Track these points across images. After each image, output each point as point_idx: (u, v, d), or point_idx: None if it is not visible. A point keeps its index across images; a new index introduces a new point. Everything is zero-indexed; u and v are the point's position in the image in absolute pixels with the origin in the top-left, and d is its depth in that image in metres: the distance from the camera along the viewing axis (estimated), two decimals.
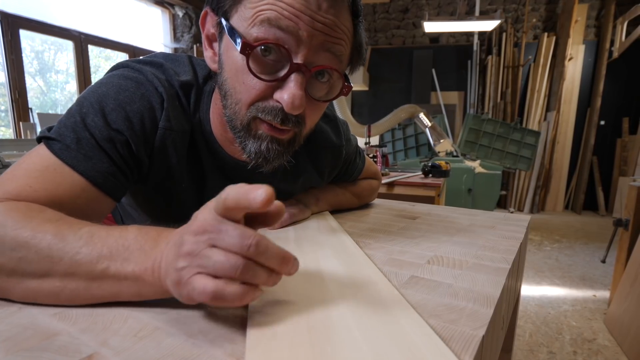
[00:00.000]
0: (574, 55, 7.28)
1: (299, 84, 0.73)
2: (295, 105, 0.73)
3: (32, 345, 0.46)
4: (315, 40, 0.72)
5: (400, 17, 8.27)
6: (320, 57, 0.75)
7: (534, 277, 3.97)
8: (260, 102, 0.76)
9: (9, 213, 0.61)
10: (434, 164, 3.19)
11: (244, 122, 0.79)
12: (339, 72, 0.79)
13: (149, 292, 0.56)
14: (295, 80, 0.73)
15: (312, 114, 0.83)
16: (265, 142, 0.80)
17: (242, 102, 0.77)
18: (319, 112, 0.86)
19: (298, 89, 0.73)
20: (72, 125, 0.76)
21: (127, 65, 0.88)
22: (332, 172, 1.23)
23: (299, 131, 0.83)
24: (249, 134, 0.80)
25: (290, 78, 0.73)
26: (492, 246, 0.95)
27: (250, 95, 0.76)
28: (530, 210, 7.50)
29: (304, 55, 0.73)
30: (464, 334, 0.50)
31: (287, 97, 0.73)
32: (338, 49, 0.76)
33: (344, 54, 0.78)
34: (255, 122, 0.79)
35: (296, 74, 0.73)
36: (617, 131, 7.38)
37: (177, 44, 8.09)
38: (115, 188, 0.79)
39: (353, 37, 0.80)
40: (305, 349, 0.44)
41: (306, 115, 0.81)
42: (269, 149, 0.80)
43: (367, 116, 8.37)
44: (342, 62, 0.79)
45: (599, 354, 2.56)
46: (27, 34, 5.39)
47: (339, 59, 0.78)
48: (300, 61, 0.73)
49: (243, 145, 0.82)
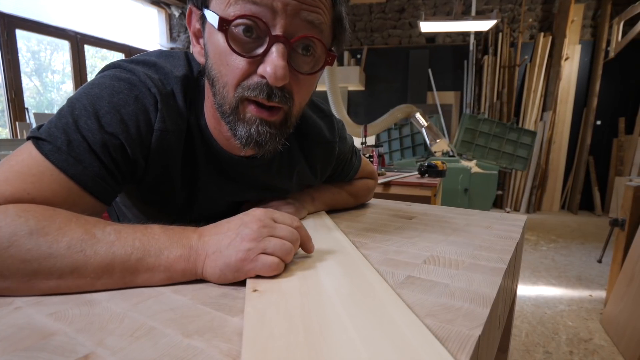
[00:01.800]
0: (570, 55, 7.29)
1: (280, 54, 0.73)
2: (279, 76, 0.73)
3: (29, 345, 0.46)
4: (291, 9, 0.72)
5: (396, 17, 8.28)
6: (299, 28, 0.75)
7: (530, 277, 3.97)
8: (245, 81, 0.77)
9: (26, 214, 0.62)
10: (430, 164, 3.19)
11: (232, 105, 0.79)
12: (321, 42, 0.79)
13: (179, 277, 0.67)
14: (277, 51, 0.73)
15: (301, 91, 0.83)
16: (254, 125, 0.80)
17: (228, 84, 0.78)
18: (308, 89, 0.85)
19: (280, 59, 0.73)
20: (63, 126, 0.74)
21: (119, 66, 0.87)
22: (325, 169, 1.22)
23: (289, 110, 0.82)
24: (238, 118, 0.80)
25: (271, 50, 0.74)
26: (488, 246, 0.95)
27: (235, 75, 0.76)
28: (526, 210, 7.51)
29: (282, 27, 0.73)
30: (460, 334, 0.51)
31: (270, 68, 0.73)
32: (316, 17, 0.76)
33: (324, 23, 0.78)
34: (243, 105, 0.79)
35: (276, 44, 0.73)
36: (614, 131, 7.39)
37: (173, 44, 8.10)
38: (105, 192, 0.78)
39: (332, 7, 0.80)
40: (301, 349, 0.44)
41: (294, 91, 0.81)
42: (259, 132, 0.80)
43: (364, 116, 8.37)
44: (323, 32, 0.79)
45: (595, 354, 2.57)
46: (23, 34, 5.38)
47: (319, 28, 0.77)
48: (279, 33, 0.73)
49: (233, 131, 0.82)
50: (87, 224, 0.64)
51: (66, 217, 0.64)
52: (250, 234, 0.66)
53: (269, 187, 1.10)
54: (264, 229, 0.68)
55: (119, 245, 0.63)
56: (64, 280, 0.60)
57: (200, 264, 0.67)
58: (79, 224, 0.63)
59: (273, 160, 1.04)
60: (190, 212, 1.01)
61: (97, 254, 0.61)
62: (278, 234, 0.69)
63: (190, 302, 0.59)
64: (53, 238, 0.60)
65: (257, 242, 0.66)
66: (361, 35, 8.48)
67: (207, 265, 0.66)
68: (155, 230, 0.68)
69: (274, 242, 0.67)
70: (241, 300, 0.60)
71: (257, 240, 0.66)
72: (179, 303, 0.59)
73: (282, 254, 0.68)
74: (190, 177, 0.97)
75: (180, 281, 0.67)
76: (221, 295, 0.62)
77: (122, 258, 0.62)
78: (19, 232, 0.59)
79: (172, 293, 0.63)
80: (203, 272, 0.67)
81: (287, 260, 0.69)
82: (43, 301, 0.58)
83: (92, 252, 0.61)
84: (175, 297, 0.61)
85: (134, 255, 0.63)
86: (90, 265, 0.60)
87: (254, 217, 0.69)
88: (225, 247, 0.66)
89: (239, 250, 0.65)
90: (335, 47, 0.87)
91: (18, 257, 0.58)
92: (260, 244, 0.66)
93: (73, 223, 0.63)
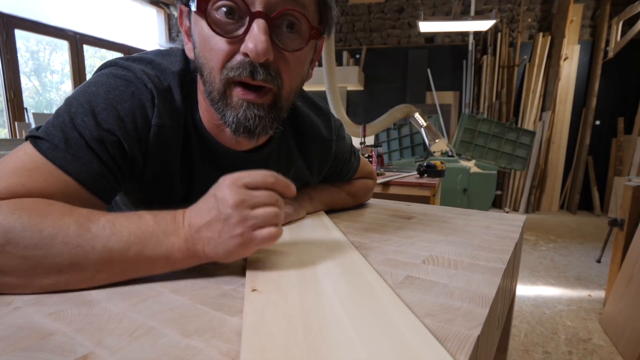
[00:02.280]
0: (569, 55, 7.29)
1: (261, 29, 0.72)
2: (259, 50, 0.72)
3: (28, 345, 0.46)
4: None
5: (395, 17, 8.28)
6: (280, 4, 0.74)
7: (529, 277, 3.97)
8: (229, 62, 0.77)
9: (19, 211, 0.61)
10: (429, 164, 3.19)
11: (220, 90, 0.79)
12: (304, 16, 0.78)
13: (182, 264, 0.68)
14: (257, 26, 0.73)
15: (288, 70, 0.81)
16: (241, 109, 0.80)
17: (214, 68, 0.78)
18: (296, 68, 0.84)
19: (260, 33, 0.72)
20: (60, 124, 0.75)
21: (116, 64, 0.87)
22: (322, 168, 1.22)
23: (277, 90, 0.81)
24: (226, 104, 0.80)
25: (252, 27, 0.73)
26: (487, 246, 0.95)
27: (219, 57, 0.76)
28: (525, 210, 7.51)
29: (262, 3, 0.73)
30: (459, 334, 0.51)
31: (251, 43, 0.72)
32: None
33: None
34: (230, 89, 0.79)
35: (257, 20, 0.73)
36: (613, 131, 7.40)
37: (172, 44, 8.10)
38: (105, 189, 0.78)
39: None
40: (300, 349, 0.44)
41: (281, 70, 0.80)
42: (247, 116, 0.80)
43: (362, 116, 8.37)
44: (306, 7, 0.78)
45: (594, 354, 2.57)
46: (22, 34, 5.38)
47: (301, 3, 0.77)
48: (259, 9, 0.73)
49: (223, 118, 0.82)
50: (80, 217, 0.64)
51: (60, 211, 0.63)
52: (233, 217, 0.64)
53: None
54: (243, 204, 0.64)
55: (115, 239, 0.62)
56: (64, 275, 0.60)
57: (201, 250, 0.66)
58: (72, 218, 0.63)
59: (270, 155, 1.04)
60: None
61: (94, 249, 0.61)
62: (259, 202, 0.66)
63: (189, 302, 0.59)
64: (48, 234, 0.59)
65: (245, 222, 0.64)
66: (360, 35, 8.48)
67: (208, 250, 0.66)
68: (149, 221, 0.66)
69: (260, 213, 0.65)
70: (240, 300, 0.60)
71: (243, 221, 0.64)
72: (178, 303, 0.59)
73: (273, 221, 0.67)
74: (188, 172, 0.97)
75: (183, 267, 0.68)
76: (220, 295, 0.62)
77: (120, 252, 0.62)
78: (13, 230, 0.58)
79: (171, 293, 0.63)
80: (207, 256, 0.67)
81: (280, 222, 0.69)
82: (42, 301, 0.58)
83: (90, 248, 0.61)
84: (174, 297, 0.61)
85: (132, 250, 0.63)
86: (89, 261, 0.61)
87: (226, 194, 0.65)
88: (218, 236, 0.65)
89: (233, 236, 0.64)
90: (322, 26, 0.86)
91: (15, 254, 0.58)
92: (249, 223, 0.64)
93: (67, 217, 0.62)
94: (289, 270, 0.70)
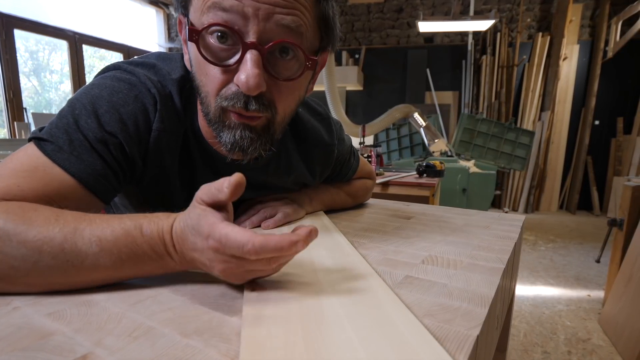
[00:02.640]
0: (568, 55, 7.30)
1: (253, 62, 0.71)
2: (251, 85, 0.71)
3: (27, 345, 0.46)
4: (263, 13, 0.69)
5: (394, 16, 8.29)
6: (275, 33, 0.72)
7: (529, 276, 3.98)
8: (223, 90, 0.76)
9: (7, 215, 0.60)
10: (428, 164, 3.19)
11: (215, 114, 0.79)
12: (298, 46, 0.75)
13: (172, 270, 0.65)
14: (250, 59, 0.71)
15: (282, 98, 0.80)
16: (237, 130, 0.79)
17: (209, 93, 0.77)
18: (292, 95, 0.83)
19: (253, 67, 0.70)
20: (64, 126, 0.75)
21: (119, 67, 0.87)
22: (324, 171, 1.23)
23: (271, 117, 0.80)
24: (223, 125, 0.80)
25: (245, 58, 0.71)
26: (486, 246, 0.95)
27: (214, 84, 0.75)
28: (524, 210, 7.52)
29: (256, 33, 0.71)
30: (459, 334, 0.51)
31: (243, 76, 0.71)
32: (292, 20, 0.72)
33: (303, 25, 0.74)
34: (225, 113, 0.78)
35: (250, 52, 0.71)
36: (612, 131, 7.41)
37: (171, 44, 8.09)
38: (106, 190, 0.78)
39: (314, 5, 0.76)
40: (300, 349, 0.44)
41: (275, 98, 0.79)
42: (242, 137, 0.79)
43: (362, 116, 8.38)
44: (303, 35, 0.75)
45: (593, 354, 2.57)
46: (21, 34, 5.38)
47: (297, 32, 0.74)
48: (253, 39, 0.71)
49: (219, 137, 0.81)
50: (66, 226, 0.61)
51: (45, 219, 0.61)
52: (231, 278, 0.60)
53: (265, 186, 1.11)
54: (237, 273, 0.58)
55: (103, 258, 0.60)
56: (57, 282, 0.60)
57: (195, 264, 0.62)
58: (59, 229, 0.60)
59: (269, 163, 1.05)
60: None
61: (83, 264, 0.59)
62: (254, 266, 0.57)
63: (189, 302, 0.59)
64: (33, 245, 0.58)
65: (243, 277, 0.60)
66: (359, 35, 8.49)
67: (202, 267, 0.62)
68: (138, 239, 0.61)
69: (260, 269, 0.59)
70: (240, 300, 0.60)
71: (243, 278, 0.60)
72: (177, 303, 0.58)
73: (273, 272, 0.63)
74: (190, 177, 0.97)
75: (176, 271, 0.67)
76: (220, 295, 0.62)
77: (112, 269, 0.61)
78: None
79: (171, 293, 0.62)
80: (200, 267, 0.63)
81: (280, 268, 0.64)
82: (41, 301, 0.58)
83: (79, 263, 0.59)
84: (173, 296, 0.61)
85: (124, 269, 0.62)
86: (83, 269, 0.60)
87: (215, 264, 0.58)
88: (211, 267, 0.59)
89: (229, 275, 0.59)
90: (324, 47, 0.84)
91: (6, 264, 0.57)
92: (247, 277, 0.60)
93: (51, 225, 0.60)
94: (287, 270, 0.70)
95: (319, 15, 0.78)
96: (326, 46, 0.85)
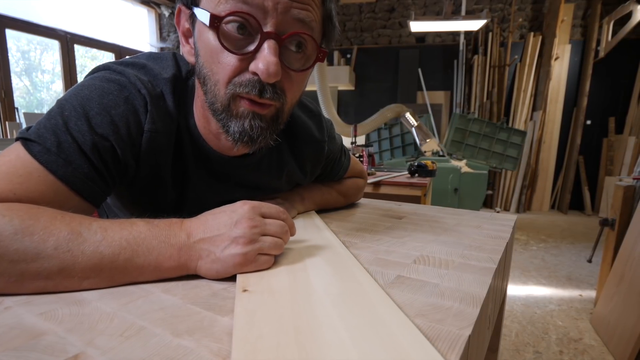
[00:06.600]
0: (560, 54, 7.33)
1: (272, 50, 0.73)
2: (271, 72, 0.73)
3: (18, 345, 0.46)
4: (281, 7, 0.73)
5: (386, 16, 8.29)
6: (290, 25, 0.76)
7: (520, 276, 3.99)
8: (237, 78, 0.77)
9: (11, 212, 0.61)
10: (420, 164, 3.19)
11: (224, 103, 0.79)
12: (312, 38, 0.79)
13: (169, 275, 0.68)
14: (269, 47, 0.74)
15: (292, 88, 0.83)
16: (247, 119, 0.80)
17: (220, 81, 0.78)
18: (299, 86, 0.86)
19: (272, 55, 0.73)
20: (52, 127, 0.74)
21: (109, 68, 0.86)
22: (314, 169, 1.22)
23: (281, 106, 0.83)
24: (230, 115, 0.80)
25: (263, 47, 0.74)
26: (478, 246, 0.95)
27: (227, 72, 0.76)
28: (516, 209, 7.54)
29: (274, 24, 0.74)
30: (450, 334, 0.51)
31: (262, 64, 0.73)
32: (306, 15, 0.76)
33: (314, 20, 0.79)
34: (235, 101, 0.79)
35: (268, 41, 0.74)
36: (604, 131, 7.44)
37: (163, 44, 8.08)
38: (95, 194, 0.78)
39: (322, 4, 0.81)
40: (291, 349, 0.44)
41: (285, 88, 0.81)
42: (252, 126, 0.80)
43: (353, 116, 8.39)
44: (314, 29, 0.80)
45: (585, 354, 2.58)
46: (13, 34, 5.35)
47: (310, 26, 0.78)
48: (270, 30, 0.74)
49: (226, 128, 0.82)
50: (72, 221, 0.63)
51: (51, 216, 0.63)
52: (244, 237, 0.67)
53: (258, 186, 1.10)
54: (256, 229, 0.69)
55: (106, 244, 0.62)
56: (51, 281, 0.60)
57: (193, 263, 0.67)
58: (64, 222, 0.62)
59: (262, 159, 1.05)
60: (181, 211, 1.00)
61: (84, 253, 0.60)
62: (270, 231, 0.71)
63: (180, 302, 0.59)
64: (39, 238, 0.59)
65: (253, 245, 0.68)
66: (351, 35, 8.49)
67: (201, 265, 0.67)
68: (142, 228, 0.67)
69: (269, 241, 0.70)
70: (231, 300, 0.60)
71: (252, 243, 0.68)
72: (169, 303, 0.59)
73: (276, 251, 0.72)
74: (182, 177, 0.97)
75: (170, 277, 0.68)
76: (211, 295, 0.62)
77: (110, 258, 0.62)
78: (4, 232, 0.58)
79: (162, 293, 0.62)
80: (197, 270, 0.68)
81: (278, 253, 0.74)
82: (33, 301, 0.58)
83: (79, 252, 0.60)
84: (165, 296, 0.61)
85: (122, 256, 0.63)
86: (78, 265, 0.60)
87: (243, 216, 0.69)
88: (220, 251, 0.67)
89: (236, 254, 0.66)
90: (325, 44, 0.88)
91: (5, 258, 0.57)
92: (256, 245, 0.68)
93: (58, 221, 0.62)
94: (279, 270, 0.70)
95: (324, 14, 0.83)
96: (327, 44, 0.88)
